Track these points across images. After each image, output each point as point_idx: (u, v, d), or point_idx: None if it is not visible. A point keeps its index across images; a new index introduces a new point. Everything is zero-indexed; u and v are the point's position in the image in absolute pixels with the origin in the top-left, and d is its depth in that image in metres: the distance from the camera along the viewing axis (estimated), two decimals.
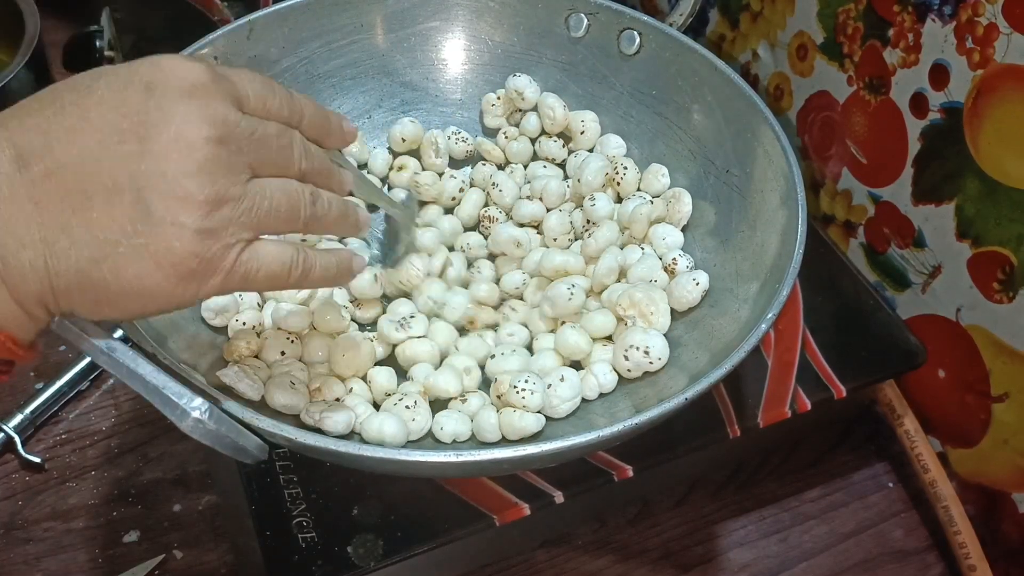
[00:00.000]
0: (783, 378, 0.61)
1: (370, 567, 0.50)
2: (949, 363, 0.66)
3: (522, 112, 0.68)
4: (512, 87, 0.66)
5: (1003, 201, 0.59)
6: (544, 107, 0.66)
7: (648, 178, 0.63)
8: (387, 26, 0.67)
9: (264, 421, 0.43)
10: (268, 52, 0.63)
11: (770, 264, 0.54)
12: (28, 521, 0.63)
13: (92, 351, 0.41)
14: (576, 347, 0.54)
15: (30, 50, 0.78)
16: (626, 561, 0.64)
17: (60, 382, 0.68)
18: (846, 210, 0.73)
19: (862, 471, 0.70)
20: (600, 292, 0.58)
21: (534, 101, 0.66)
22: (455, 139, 0.67)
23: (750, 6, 0.80)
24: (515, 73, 0.67)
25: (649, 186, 0.63)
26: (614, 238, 0.59)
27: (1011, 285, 0.60)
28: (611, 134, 0.66)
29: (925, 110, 0.63)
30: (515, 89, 0.66)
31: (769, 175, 0.56)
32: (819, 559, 0.65)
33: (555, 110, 0.66)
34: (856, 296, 0.66)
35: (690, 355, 0.54)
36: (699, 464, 0.63)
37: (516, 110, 0.68)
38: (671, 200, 0.61)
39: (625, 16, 0.64)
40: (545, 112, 0.66)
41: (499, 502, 0.54)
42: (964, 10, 0.59)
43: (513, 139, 0.67)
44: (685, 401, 0.45)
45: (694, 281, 0.56)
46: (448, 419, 0.51)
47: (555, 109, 0.66)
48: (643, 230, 0.60)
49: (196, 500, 0.64)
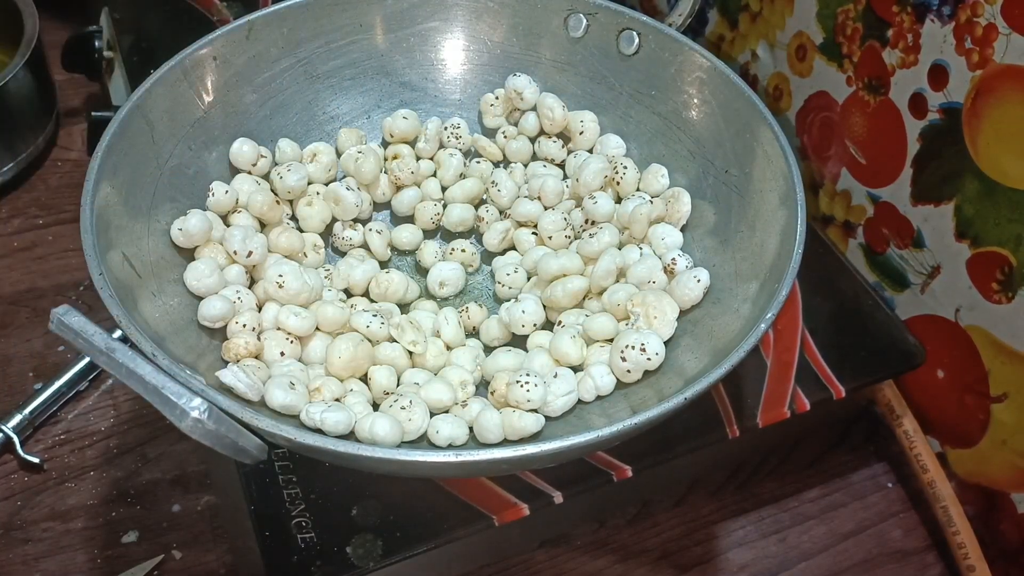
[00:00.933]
0: (782, 378, 0.61)
1: (369, 567, 0.51)
2: (948, 363, 0.66)
3: (521, 112, 0.68)
4: (511, 87, 0.66)
5: (1002, 201, 0.59)
6: (543, 107, 0.66)
7: (648, 178, 0.63)
8: (386, 26, 0.67)
9: (264, 421, 0.43)
10: (267, 52, 0.63)
11: (769, 264, 0.54)
12: (27, 521, 0.63)
13: (91, 351, 0.41)
14: (567, 354, 0.54)
15: (29, 50, 0.78)
16: (625, 561, 0.64)
17: (59, 382, 0.68)
18: (845, 210, 0.73)
19: (861, 471, 0.70)
20: (599, 293, 0.58)
21: (533, 101, 0.66)
22: (451, 132, 0.67)
23: (749, 6, 0.80)
24: (515, 73, 0.67)
25: (648, 186, 0.63)
26: (614, 240, 0.59)
27: (1010, 285, 0.60)
28: (610, 134, 0.66)
29: (924, 110, 0.64)
30: (514, 89, 0.66)
31: (768, 175, 0.56)
32: (818, 559, 0.65)
33: (554, 110, 0.66)
34: (855, 296, 0.66)
35: (689, 356, 0.54)
36: (698, 464, 0.63)
37: (515, 110, 0.68)
38: (670, 200, 0.61)
39: (624, 16, 0.64)
40: (544, 112, 0.66)
41: (498, 502, 0.54)
42: (963, 11, 0.59)
43: (512, 138, 0.67)
44: (684, 401, 0.45)
45: (695, 279, 0.56)
46: (444, 423, 0.50)
47: (554, 109, 0.66)
48: (643, 230, 0.60)
49: (195, 500, 0.64)
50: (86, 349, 0.41)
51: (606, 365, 0.53)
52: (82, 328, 0.40)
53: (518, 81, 0.66)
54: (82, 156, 0.86)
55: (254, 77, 0.63)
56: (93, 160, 0.52)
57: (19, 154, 0.82)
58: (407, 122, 0.66)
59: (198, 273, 0.54)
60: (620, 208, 0.62)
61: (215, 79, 0.61)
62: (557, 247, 0.61)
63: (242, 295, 0.55)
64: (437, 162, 0.67)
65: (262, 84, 0.63)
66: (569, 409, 0.52)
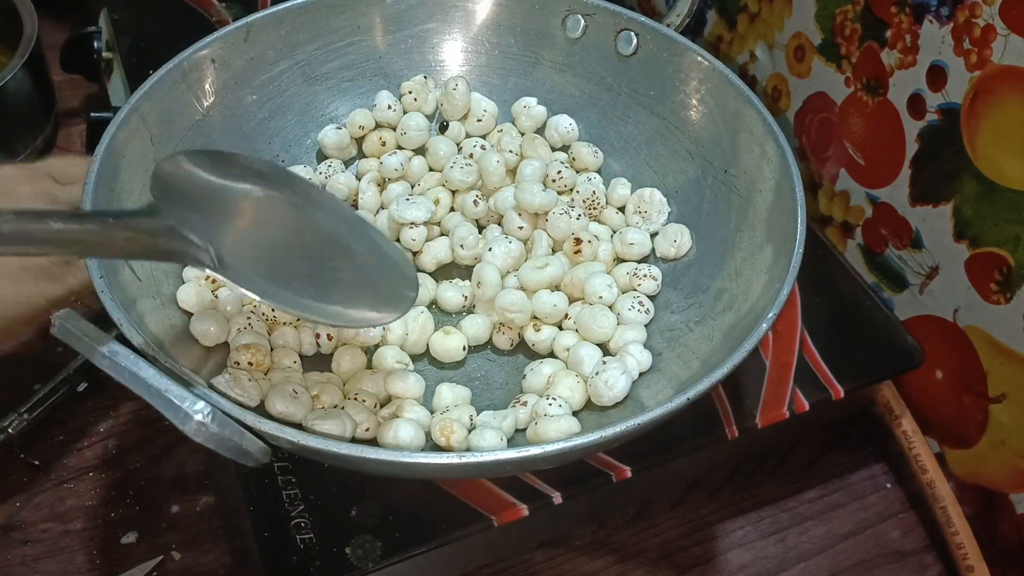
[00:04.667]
0: (781, 379, 0.61)
1: (368, 568, 0.51)
2: (947, 364, 0.66)
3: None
4: (552, 127, 0.67)
5: (1000, 202, 0.59)
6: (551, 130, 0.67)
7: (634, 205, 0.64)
8: (385, 28, 0.67)
9: (267, 424, 0.43)
10: (266, 54, 0.63)
11: (769, 264, 0.54)
12: (26, 522, 0.63)
13: (93, 355, 0.41)
14: (602, 331, 0.56)
15: (28, 51, 0.78)
16: (624, 562, 0.64)
17: (58, 383, 0.67)
18: (844, 211, 0.73)
19: (860, 472, 0.70)
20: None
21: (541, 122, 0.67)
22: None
23: (748, 7, 0.80)
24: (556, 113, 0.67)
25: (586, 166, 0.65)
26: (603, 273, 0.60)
27: (1008, 286, 0.60)
28: (562, 114, 0.67)
29: (922, 111, 0.64)
30: (525, 107, 0.67)
31: (767, 175, 0.57)
32: (817, 560, 0.66)
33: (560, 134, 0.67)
34: (854, 297, 0.66)
35: (689, 356, 0.54)
36: (697, 465, 0.63)
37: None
38: (642, 201, 0.63)
39: (622, 17, 0.65)
40: (551, 136, 0.67)
41: (497, 503, 0.54)
42: (961, 11, 0.59)
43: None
44: (687, 401, 0.45)
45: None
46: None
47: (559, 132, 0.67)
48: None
49: (194, 501, 0.64)
50: (89, 353, 0.41)
51: (639, 343, 0.55)
52: (84, 332, 0.40)
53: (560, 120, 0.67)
54: (81, 157, 0.86)
55: (253, 79, 0.63)
56: (92, 161, 0.52)
57: (18, 155, 0.82)
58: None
59: (186, 295, 0.54)
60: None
61: (214, 81, 0.61)
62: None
63: (253, 322, 0.55)
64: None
65: (261, 86, 0.63)
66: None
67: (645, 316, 0.58)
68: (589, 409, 0.53)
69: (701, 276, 0.59)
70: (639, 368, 0.54)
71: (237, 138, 0.62)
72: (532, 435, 0.50)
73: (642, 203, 0.62)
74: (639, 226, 0.62)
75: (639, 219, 0.62)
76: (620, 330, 0.56)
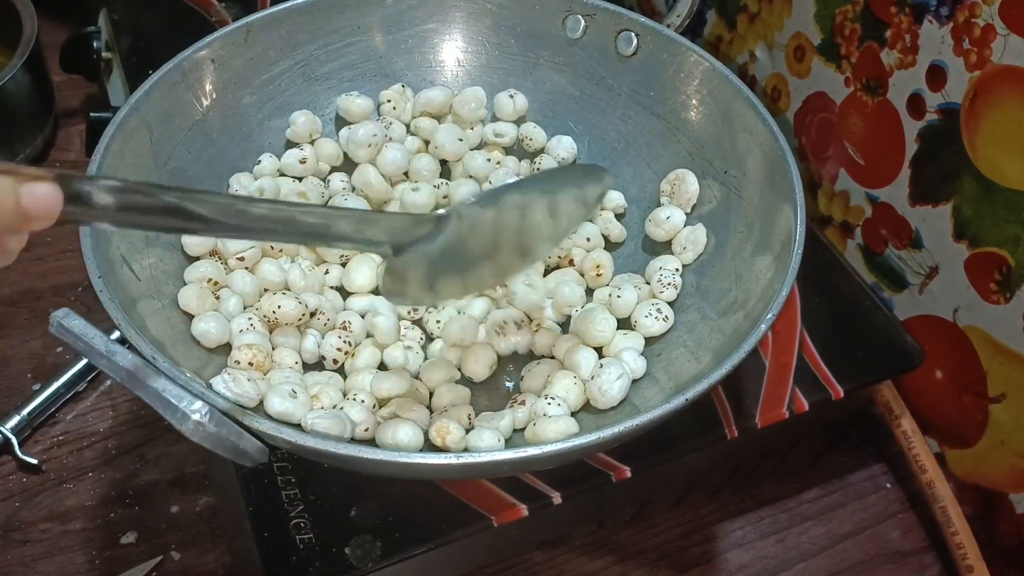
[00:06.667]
0: (781, 379, 0.61)
1: (368, 568, 0.51)
2: (946, 364, 0.66)
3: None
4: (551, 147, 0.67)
5: (1000, 202, 0.59)
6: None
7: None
8: (385, 28, 0.67)
9: (265, 424, 0.43)
10: (265, 54, 0.63)
11: (768, 264, 0.54)
12: (25, 523, 0.63)
13: (91, 354, 0.41)
14: (601, 335, 0.56)
15: (27, 51, 0.78)
16: (624, 562, 0.64)
17: (57, 383, 0.67)
18: (843, 211, 0.73)
19: (859, 472, 0.70)
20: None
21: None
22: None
23: (747, 7, 0.80)
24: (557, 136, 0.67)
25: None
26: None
27: (1008, 286, 0.60)
28: (562, 136, 0.67)
29: (922, 111, 0.64)
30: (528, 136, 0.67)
31: (767, 176, 0.57)
32: (816, 560, 0.65)
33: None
34: (853, 297, 0.66)
35: (688, 356, 0.54)
36: (697, 465, 0.63)
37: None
38: (676, 182, 0.61)
39: (622, 17, 0.64)
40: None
41: (497, 503, 0.54)
42: (961, 11, 0.59)
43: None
44: (685, 402, 0.45)
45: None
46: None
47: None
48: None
49: (194, 501, 0.64)
50: (86, 352, 0.41)
51: (635, 350, 0.55)
52: (82, 331, 0.41)
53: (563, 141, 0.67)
54: (80, 157, 0.85)
55: (252, 79, 0.63)
56: (92, 161, 0.52)
57: (17, 155, 0.82)
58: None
59: (187, 297, 0.54)
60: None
61: (214, 81, 0.61)
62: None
63: (255, 323, 0.55)
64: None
65: (260, 86, 0.63)
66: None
67: (664, 325, 0.56)
68: (588, 409, 0.53)
69: (700, 276, 0.59)
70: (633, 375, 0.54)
71: (237, 138, 0.62)
72: (531, 436, 0.50)
73: (678, 182, 0.62)
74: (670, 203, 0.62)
75: (668, 200, 0.62)
76: (619, 336, 0.56)
